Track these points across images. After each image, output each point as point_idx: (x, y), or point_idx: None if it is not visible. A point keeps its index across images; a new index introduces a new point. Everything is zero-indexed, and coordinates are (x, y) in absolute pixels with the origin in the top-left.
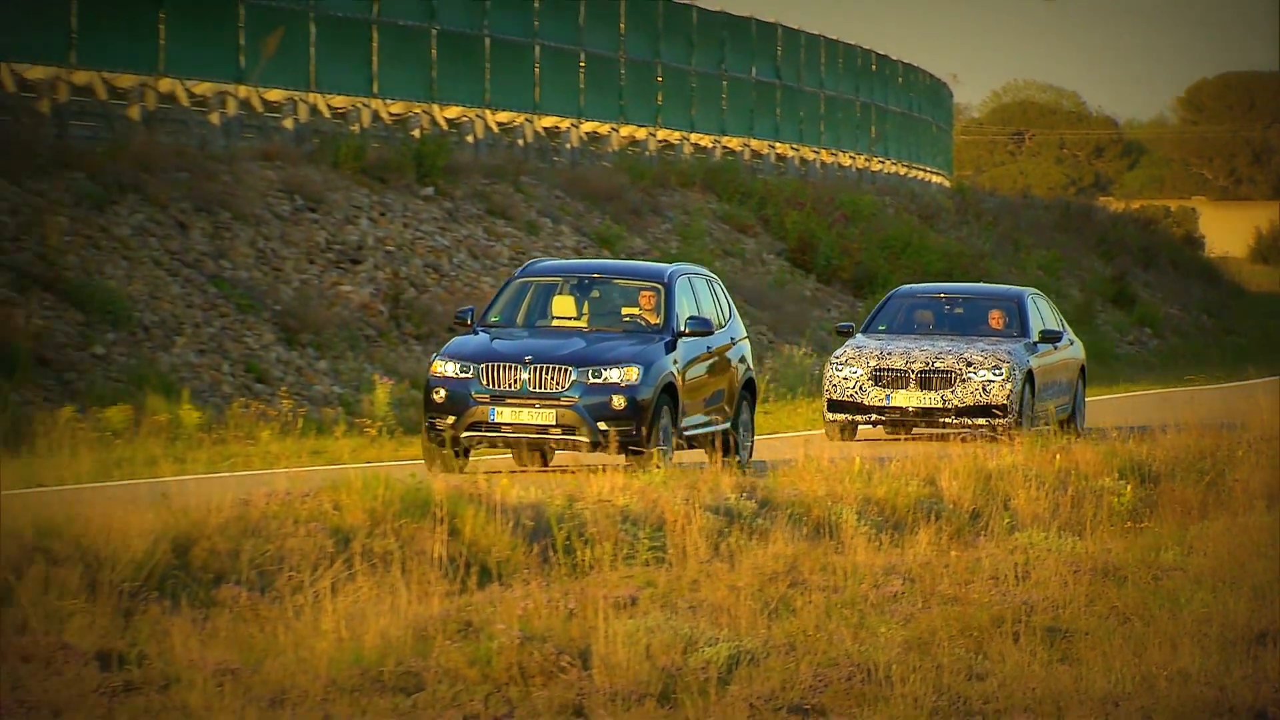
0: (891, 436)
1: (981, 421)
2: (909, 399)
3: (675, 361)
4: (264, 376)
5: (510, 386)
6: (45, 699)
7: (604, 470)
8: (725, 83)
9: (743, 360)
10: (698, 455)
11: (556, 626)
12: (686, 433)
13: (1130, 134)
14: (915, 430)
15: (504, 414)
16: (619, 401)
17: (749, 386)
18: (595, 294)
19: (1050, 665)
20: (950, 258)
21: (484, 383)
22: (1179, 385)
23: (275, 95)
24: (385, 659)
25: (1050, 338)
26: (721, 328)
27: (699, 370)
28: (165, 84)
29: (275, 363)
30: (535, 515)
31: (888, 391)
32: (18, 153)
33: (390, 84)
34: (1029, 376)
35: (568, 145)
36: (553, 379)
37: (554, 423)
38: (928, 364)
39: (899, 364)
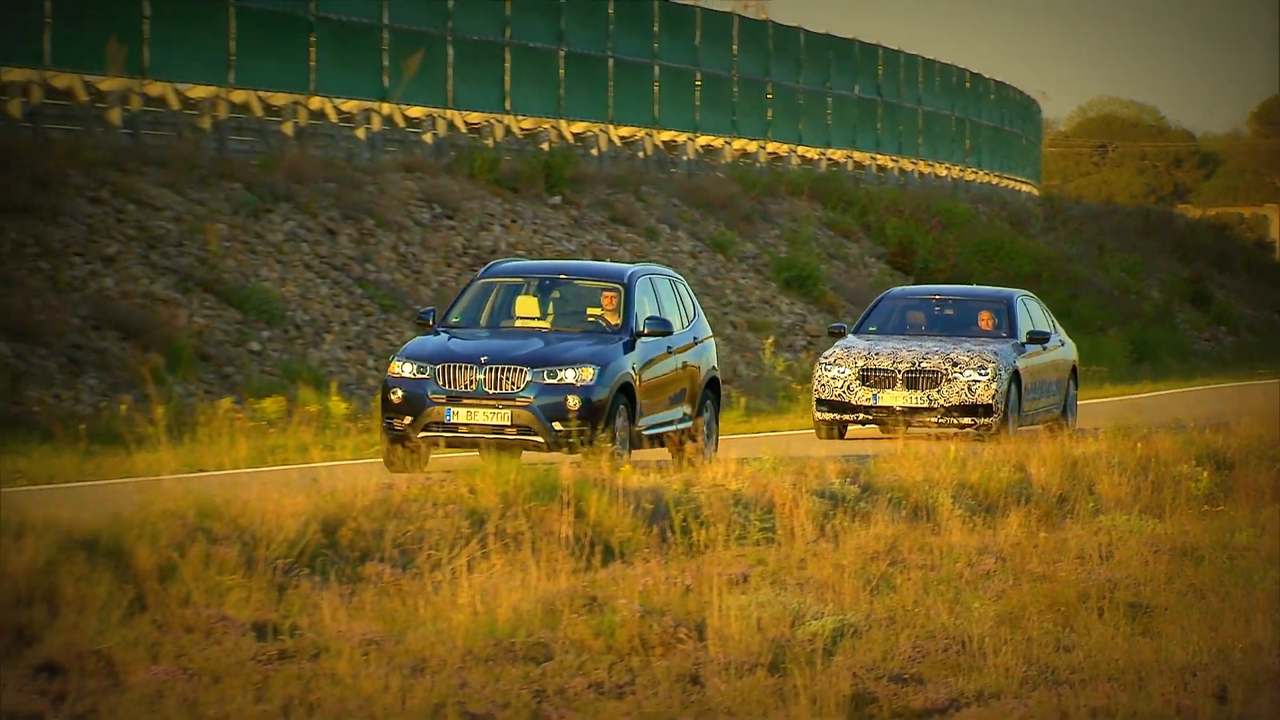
0: (888, 435)
1: (967, 421)
2: (895, 398)
3: (633, 362)
4: None
5: (466, 387)
6: (206, 667)
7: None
8: (830, 99)
9: (706, 360)
10: (661, 453)
11: (674, 601)
12: (646, 432)
13: (1206, 146)
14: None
15: (460, 414)
16: (574, 401)
17: (713, 386)
18: (556, 294)
19: (1132, 638)
20: (1039, 261)
21: (440, 383)
22: (1252, 379)
23: (416, 112)
24: (517, 631)
25: (1038, 338)
26: (684, 328)
27: (659, 370)
28: (316, 102)
29: None
30: (654, 499)
31: (875, 391)
32: (181, 165)
33: (521, 101)
34: (1015, 376)
35: (684, 157)
36: (508, 379)
37: (509, 423)
38: (914, 364)
39: (886, 364)
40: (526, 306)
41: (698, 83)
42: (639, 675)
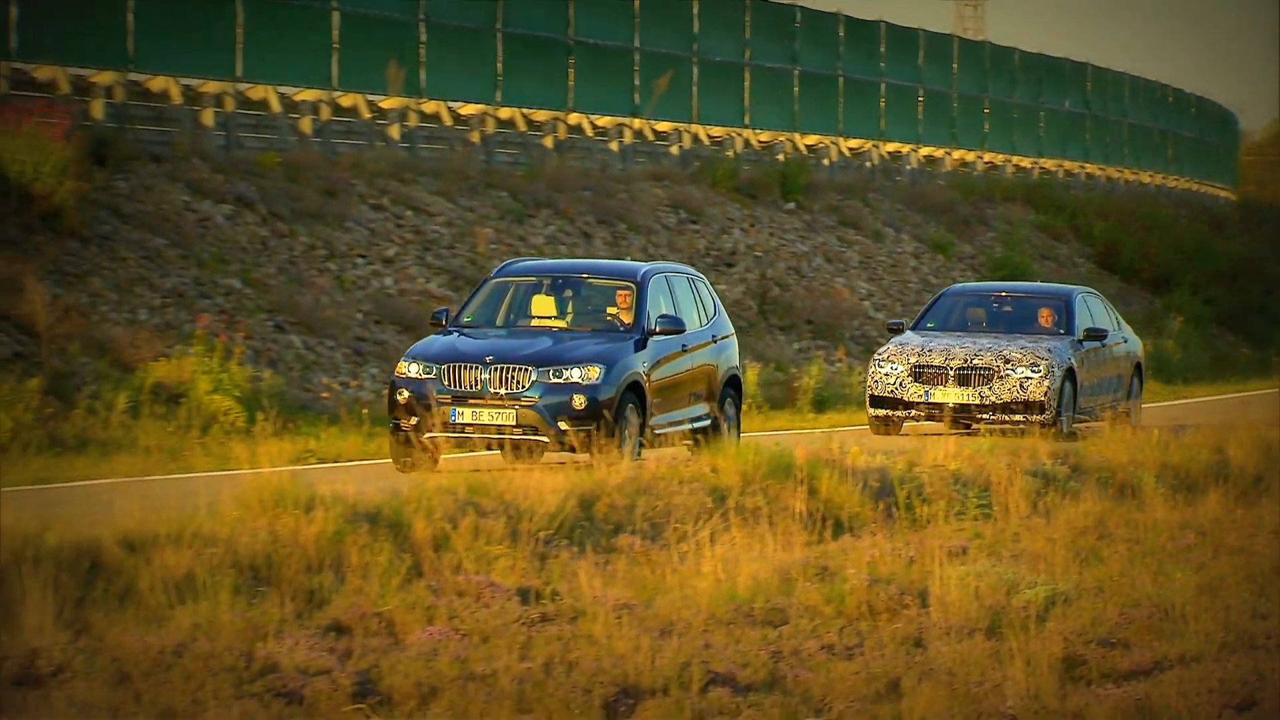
0: (954, 431)
1: (1019, 417)
2: (947, 395)
3: (643, 360)
4: None
5: (471, 387)
6: (476, 628)
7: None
8: (1043, 113)
9: (725, 358)
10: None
11: (899, 571)
12: (660, 430)
13: None
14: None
15: (465, 414)
16: (579, 401)
17: (733, 383)
18: (568, 293)
19: None
20: (1234, 261)
21: (446, 383)
22: None
23: (664, 126)
24: (755, 597)
25: (1095, 335)
26: (702, 326)
27: (672, 368)
28: (574, 118)
29: None
30: (880, 478)
31: (926, 388)
32: (453, 175)
33: (759, 116)
34: (1069, 373)
35: (908, 166)
36: (513, 379)
37: (514, 423)
38: (966, 361)
39: (938, 360)
40: (543, 306)
41: (920, 98)
42: (867, 638)
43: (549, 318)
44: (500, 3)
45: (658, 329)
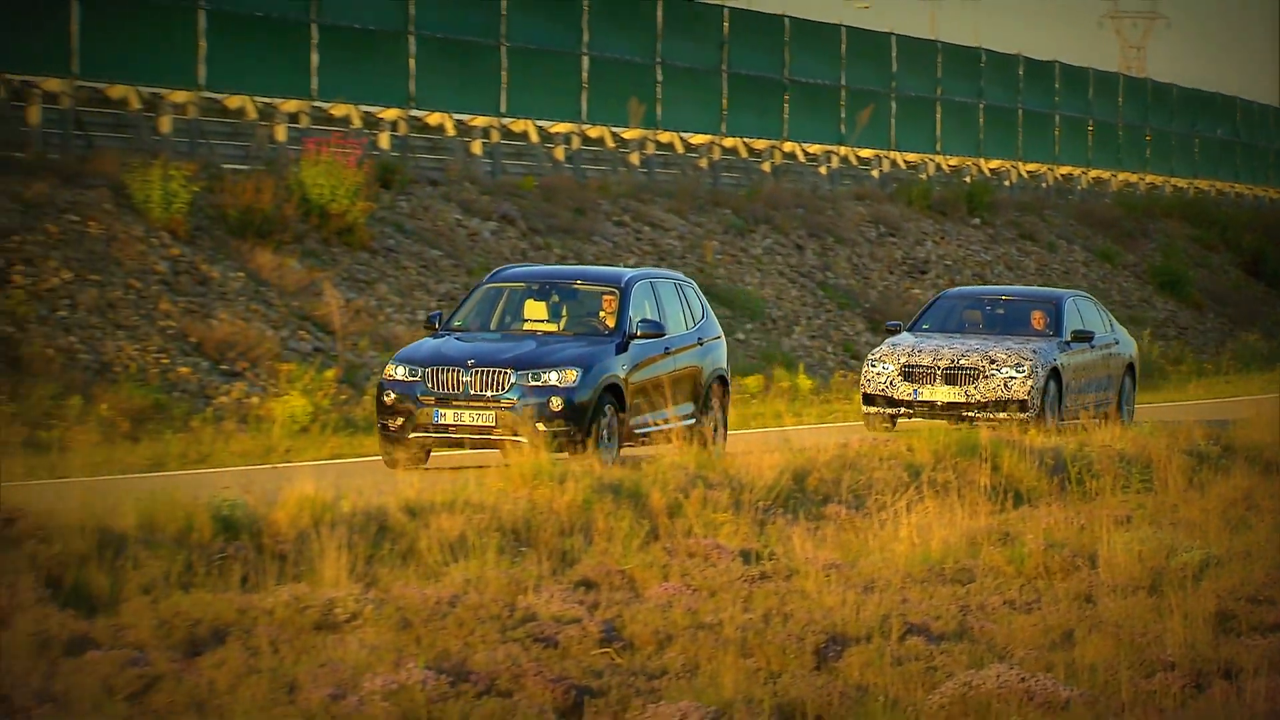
0: (954, 426)
1: (1003, 415)
2: (935, 393)
3: (623, 363)
4: (856, 355)
5: (454, 389)
6: (704, 584)
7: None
8: (1197, 140)
9: (712, 360)
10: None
11: (1071, 537)
12: (642, 430)
13: None
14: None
15: (447, 415)
16: (557, 402)
17: (720, 383)
18: (555, 298)
19: None
20: None
21: (429, 385)
22: None
23: (866, 153)
24: (945, 559)
25: (1083, 337)
26: (688, 330)
27: (654, 370)
28: (788, 146)
29: (865, 345)
30: (1055, 456)
31: (915, 386)
32: (684, 196)
33: (948, 144)
34: (1054, 373)
35: (1078, 187)
36: (494, 382)
37: (495, 424)
38: (953, 361)
39: (926, 361)
40: (535, 310)
41: (1090, 128)
42: (1044, 594)
43: (541, 322)
44: (725, 48)
45: (639, 333)
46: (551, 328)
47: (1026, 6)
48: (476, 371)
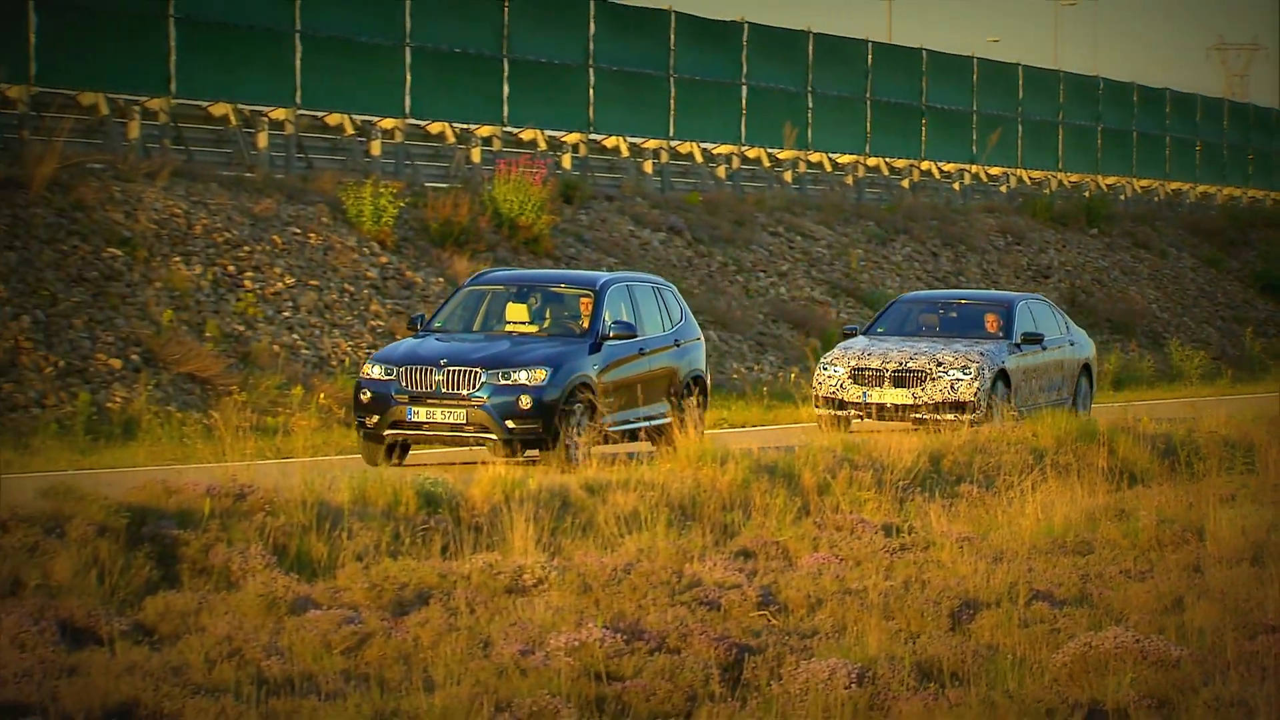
0: (903, 428)
1: (950, 416)
2: (884, 396)
3: (595, 363)
4: None
5: (426, 388)
6: (850, 554)
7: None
8: None
9: (688, 361)
10: (643, 446)
11: (1180, 513)
12: (615, 428)
13: None
14: (897, 421)
15: (420, 413)
16: (526, 401)
17: (697, 383)
18: (534, 301)
19: None
20: None
21: (403, 384)
22: None
23: (995, 171)
24: (1066, 533)
25: (1033, 339)
26: (665, 332)
27: (627, 371)
28: (925, 164)
29: None
30: (1165, 441)
31: (864, 389)
32: (831, 209)
33: (1069, 162)
34: (1002, 375)
35: (1188, 200)
36: (465, 381)
37: (465, 421)
38: (901, 364)
39: (875, 364)
40: (515, 312)
41: (1198, 148)
42: (1156, 565)
43: (522, 324)
44: (870, 78)
45: (611, 334)
46: (531, 329)
47: (1140, 39)
48: (448, 371)
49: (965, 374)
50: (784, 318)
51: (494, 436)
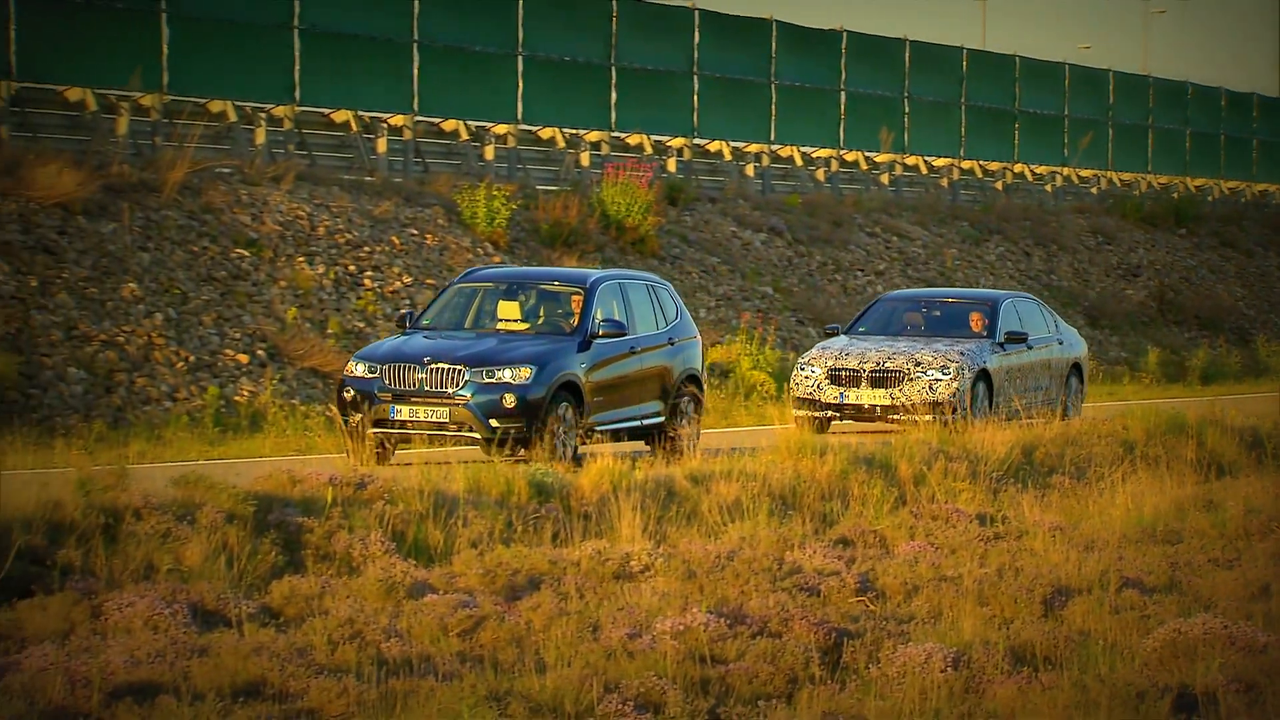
0: (880, 429)
1: (929, 418)
2: (861, 396)
3: (582, 361)
4: None
5: (410, 386)
6: (945, 542)
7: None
8: None
9: (682, 360)
10: (639, 445)
11: (1267, 504)
12: (602, 428)
13: None
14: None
15: (403, 411)
16: (510, 399)
17: (692, 382)
18: (524, 298)
19: None
20: None
21: (387, 382)
22: None
23: (1086, 173)
24: (1156, 522)
25: (1017, 338)
26: (659, 331)
27: (617, 369)
28: (1018, 167)
29: (1085, 339)
30: (1253, 434)
31: (842, 390)
32: (927, 210)
33: (1158, 165)
34: (983, 375)
35: (1274, 201)
36: (449, 379)
37: (449, 420)
38: (879, 364)
39: (853, 364)
40: (505, 310)
41: (1254, 154)
42: (1243, 553)
43: (512, 321)
44: (964, 84)
45: (601, 332)
46: (522, 327)
47: (1228, 45)
48: (432, 368)
49: (944, 374)
50: None
51: (478, 435)
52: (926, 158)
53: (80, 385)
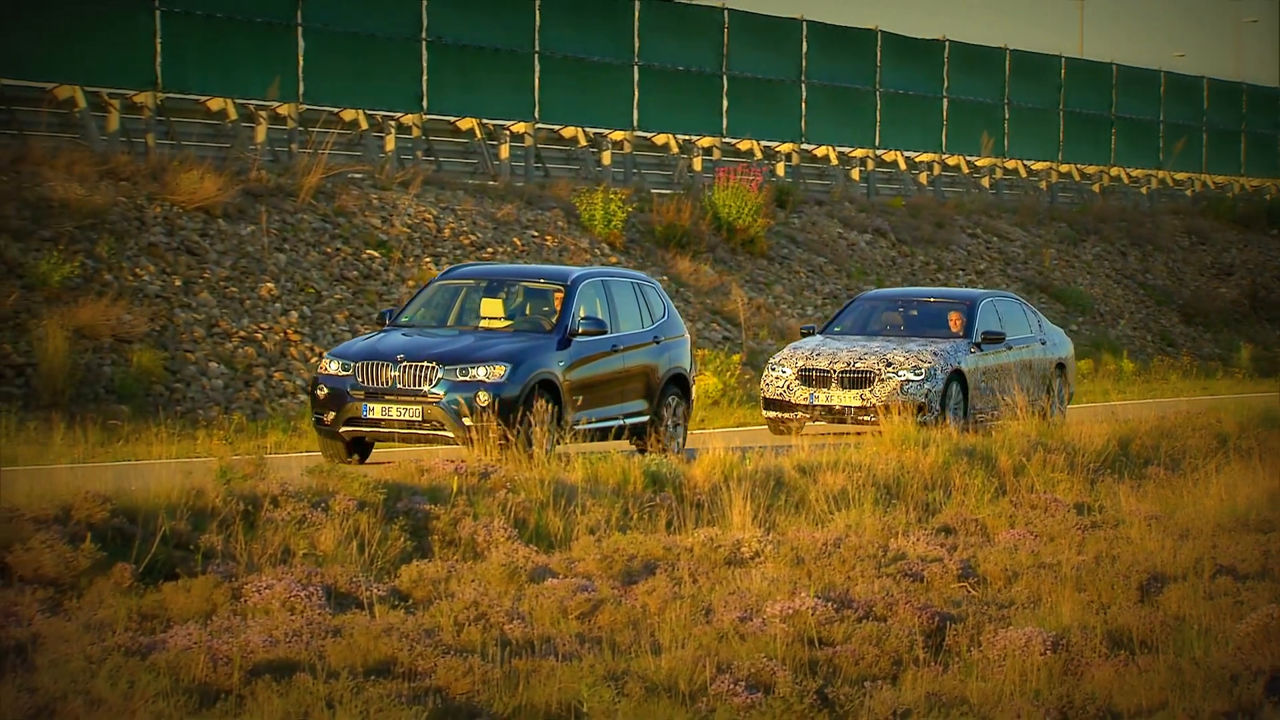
0: (857, 430)
1: (899, 419)
2: (832, 397)
3: (561, 360)
4: (1172, 342)
5: (382, 384)
6: (1043, 530)
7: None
8: None
9: (668, 358)
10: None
11: None
12: (583, 426)
13: None
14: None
15: (375, 410)
16: (484, 398)
17: (678, 382)
18: (505, 296)
19: None
20: None
21: (359, 380)
22: None
23: (1181, 176)
24: (1249, 512)
25: (993, 339)
26: (644, 329)
27: (598, 368)
28: (1115, 170)
29: (1179, 335)
30: None
31: (812, 391)
32: (1026, 211)
33: (1253, 168)
34: (957, 375)
35: None
36: (422, 376)
37: (421, 418)
38: (849, 365)
39: (823, 365)
40: (487, 307)
41: None
42: None
43: (495, 319)
44: (1062, 91)
45: (580, 330)
46: (504, 325)
47: None
48: (405, 366)
49: (916, 375)
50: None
51: (450, 433)
52: (1026, 161)
53: (221, 379)
